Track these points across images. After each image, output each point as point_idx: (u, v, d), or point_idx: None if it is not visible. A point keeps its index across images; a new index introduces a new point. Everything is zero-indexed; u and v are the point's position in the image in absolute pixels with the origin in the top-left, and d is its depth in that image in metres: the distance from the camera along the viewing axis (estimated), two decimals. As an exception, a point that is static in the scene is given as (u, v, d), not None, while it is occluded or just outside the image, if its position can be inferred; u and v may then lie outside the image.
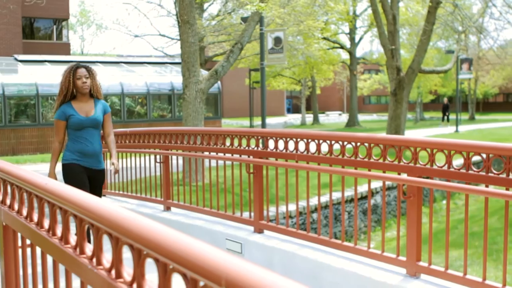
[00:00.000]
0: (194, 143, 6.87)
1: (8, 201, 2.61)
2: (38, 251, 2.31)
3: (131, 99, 24.33)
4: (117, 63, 26.55)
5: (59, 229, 2.07)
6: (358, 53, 44.36)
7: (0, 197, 2.71)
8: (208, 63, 23.57)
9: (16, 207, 2.50)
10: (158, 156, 7.57)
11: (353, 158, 4.92)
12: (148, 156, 8.01)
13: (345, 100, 64.72)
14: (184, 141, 7.05)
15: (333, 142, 5.15)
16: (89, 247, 1.81)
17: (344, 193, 5.22)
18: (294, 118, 51.53)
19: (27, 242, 2.45)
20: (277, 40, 14.77)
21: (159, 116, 24.92)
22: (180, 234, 1.28)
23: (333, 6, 23.63)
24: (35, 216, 2.30)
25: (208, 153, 6.73)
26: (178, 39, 14.63)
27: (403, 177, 4.47)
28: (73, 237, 1.95)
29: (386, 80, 37.89)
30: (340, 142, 5.05)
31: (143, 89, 24.36)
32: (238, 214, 6.40)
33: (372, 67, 58.72)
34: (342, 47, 39.78)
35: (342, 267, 4.79)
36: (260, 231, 6.01)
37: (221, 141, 6.49)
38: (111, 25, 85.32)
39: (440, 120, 37.24)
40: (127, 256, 1.50)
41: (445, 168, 4.20)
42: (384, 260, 4.68)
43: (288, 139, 5.60)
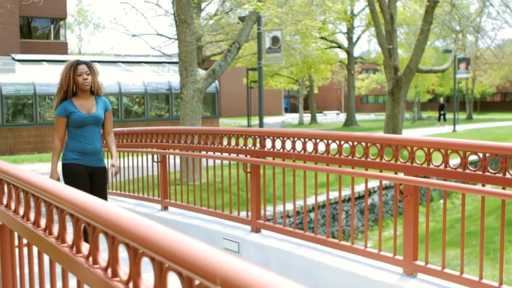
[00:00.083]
0: (192, 143, 6.87)
1: (5, 201, 2.61)
2: (35, 251, 2.31)
3: (129, 99, 24.31)
4: (115, 63, 26.52)
5: (56, 229, 2.07)
6: (356, 53, 44.42)
7: (-3, 197, 2.71)
8: (206, 63, 23.59)
9: (13, 207, 2.50)
10: (156, 156, 7.56)
11: (350, 158, 4.92)
12: (146, 156, 8.01)
13: (343, 100, 64.74)
14: (182, 141, 7.04)
15: (330, 142, 5.15)
16: (86, 246, 1.82)
17: (342, 193, 5.23)
18: (292, 118, 51.55)
19: (24, 242, 2.45)
20: (275, 40, 14.78)
21: (157, 116, 24.90)
22: (176, 233, 1.28)
23: (331, 6, 23.64)
24: (32, 216, 2.30)
25: (206, 153, 6.73)
26: (176, 39, 14.64)
27: (400, 177, 4.48)
28: (70, 236, 1.95)
29: (384, 80, 37.89)
30: (337, 142, 5.05)
31: (141, 89, 24.34)
32: (236, 214, 6.40)
33: (370, 67, 58.79)
34: (340, 47, 39.83)
35: (339, 266, 4.80)
36: (257, 231, 6.02)
37: (219, 141, 6.48)
38: (109, 25, 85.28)
39: (437, 120, 37.28)
40: (124, 256, 1.51)
41: (442, 167, 4.21)
42: (381, 259, 4.68)
43: (285, 139, 5.60)
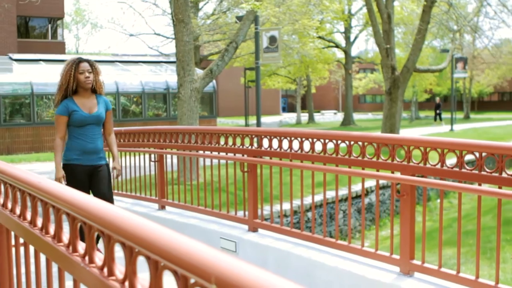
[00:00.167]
0: (189, 142, 6.87)
1: (1, 200, 2.62)
2: (32, 250, 2.31)
3: (126, 98, 24.30)
4: (112, 62, 26.50)
5: (52, 228, 2.07)
6: (353, 52, 44.42)
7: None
8: (203, 62, 23.55)
9: (10, 206, 2.50)
10: (153, 155, 7.57)
11: (347, 157, 4.93)
12: (143, 155, 8.01)
13: (340, 99, 64.80)
14: (179, 140, 7.04)
15: (327, 141, 5.15)
16: (82, 245, 1.82)
17: (339, 192, 5.23)
18: (289, 117, 51.58)
19: (21, 241, 2.45)
20: (272, 39, 14.79)
21: (154, 115, 24.90)
22: (171, 232, 1.29)
23: (328, 5, 23.60)
24: (28, 215, 2.30)
25: (203, 152, 6.73)
26: (173, 38, 14.62)
27: (397, 176, 4.48)
28: (66, 236, 1.96)
29: (381, 79, 37.91)
30: (334, 141, 5.06)
31: (138, 88, 24.33)
32: (233, 213, 6.40)
33: (367, 66, 58.81)
34: (337, 46, 39.84)
35: (336, 266, 4.80)
36: (255, 230, 6.02)
37: (216, 140, 6.49)
38: (106, 24, 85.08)
39: (433, 120, 37.30)
40: (120, 255, 1.51)
41: (439, 167, 4.22)
42: (378, 259, 4.69)
43: (282, 138, 5.60)
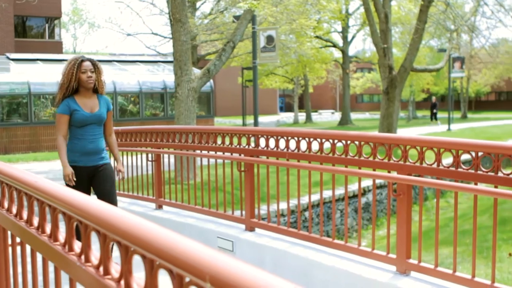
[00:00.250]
0: (186, 142, 6.87)
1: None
2: (28, 249, 2.32)
3: (124, 98, 24.30)
4: (110, 62, 26.46)
5: (48, 227, 2.08)
6: (351, 52, 44.44)
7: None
8: (201, 62, 23.56)
9: (6, 205, 2.50)
10: (150, 155, 7.57)
11: (344, 156, 4.94)
12: (140, 155, 8.01)
13: (338, 99, 64.82)
14: (176, 140, 7.04)
15: (324, 140, 5.15)
16: (78, 245, 1.83)
17: (336, 191, 5.24)
18: (287, 117, 51.60)
19: (17, 240, 2.46)
20: (270, 39, 14.79)
21: (152, 115, 24.90)
22: (166, 231, 1.29)
23: (326, 5, 23.64)
24: (25, 214, 2.30)
25: (200, 152, 6.73)
26: (171, 38, 14.60)
27: (393, 175, 4.49)
28: (62, 235, 1.96)
29: (379, 79, 37.97)
30: (331, 140, 5.06)
31: (136, 88, 24.33)
32: (230, 212, 6.41)
33: (365, 66, 58.89)
34: (335, 46, 39.88)
35: (333, 265, 4.81)
36: (252, 229, 6.03)
37: (213, 140, 6.49)
38: (104, 24, 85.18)
39: (429, 120, 37.32)
40: (115, 255, 1.52)
41: (435, 166, 4.23)
42: (375, 258, 4.70)
43: (279, 137, 5.61)
